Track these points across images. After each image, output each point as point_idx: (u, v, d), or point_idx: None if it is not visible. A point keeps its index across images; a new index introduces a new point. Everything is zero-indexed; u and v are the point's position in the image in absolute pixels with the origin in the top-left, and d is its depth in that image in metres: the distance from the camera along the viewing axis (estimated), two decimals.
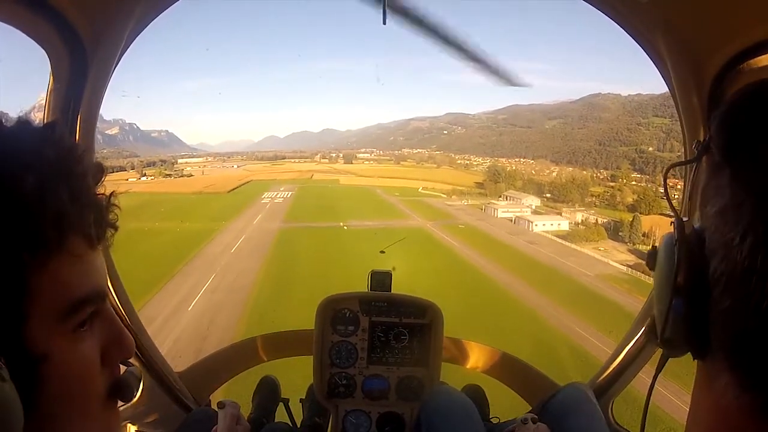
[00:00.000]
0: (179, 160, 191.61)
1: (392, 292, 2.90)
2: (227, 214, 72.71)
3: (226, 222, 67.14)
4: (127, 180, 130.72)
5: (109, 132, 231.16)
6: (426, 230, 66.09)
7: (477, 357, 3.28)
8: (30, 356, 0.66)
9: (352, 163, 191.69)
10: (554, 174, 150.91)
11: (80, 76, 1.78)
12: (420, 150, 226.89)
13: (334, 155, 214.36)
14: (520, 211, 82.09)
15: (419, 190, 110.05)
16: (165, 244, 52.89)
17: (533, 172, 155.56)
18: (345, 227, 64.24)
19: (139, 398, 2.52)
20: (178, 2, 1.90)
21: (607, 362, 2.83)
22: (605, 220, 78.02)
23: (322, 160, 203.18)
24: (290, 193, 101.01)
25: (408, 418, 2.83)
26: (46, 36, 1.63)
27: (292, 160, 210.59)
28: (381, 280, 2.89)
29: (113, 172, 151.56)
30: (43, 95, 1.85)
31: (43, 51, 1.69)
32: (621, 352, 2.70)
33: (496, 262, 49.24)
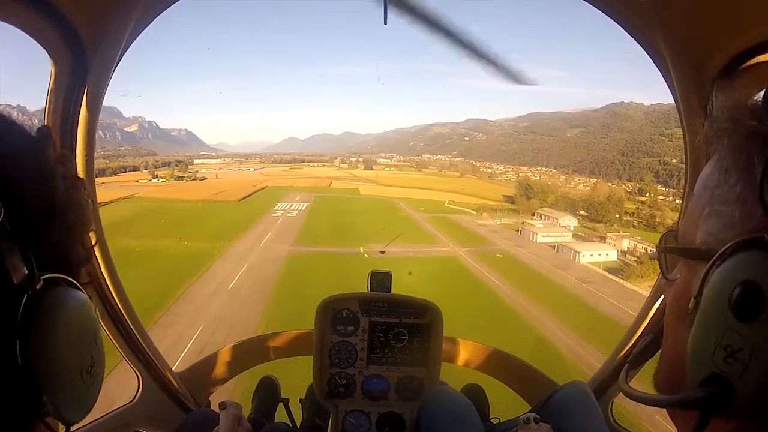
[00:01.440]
0: (196, 161, 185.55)
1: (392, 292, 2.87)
2: (233, 230, 63.13)
3: (229, 242, 57.46)
4: (137, 181, 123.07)
5: (127, 129, 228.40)
6: (460, 260, 55.36)
7: (477, 357, 3.24)
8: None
9: (372, 169, 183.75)
10: (581, 186, 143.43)
11: (81, 75, 1.78)
12: (441, 156, 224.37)
13: (354, 159, 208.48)
14: (560, 236, 71.25)
15: (446, 204, 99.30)
16: (152, 273, 42.80)
17: (559, 183, 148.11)
18: (365, 254, 53.47)
19: (139, 398, 2.55)
20: (178, 2, 1.90)
21: (607, 362, 2.79)
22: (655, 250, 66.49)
23: (342, 165, 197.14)
24: (305, 204, 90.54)
25: (408, 418, 2.79)
26: (46, 36, 1.62)
27: (311, 164, 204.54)
28: (381, 280, 2.86)
29: (126, 171, 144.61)
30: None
31: (45, 51, 1.68)
32: (621, 351, 2.67)
33: (553, 314, 38.36)
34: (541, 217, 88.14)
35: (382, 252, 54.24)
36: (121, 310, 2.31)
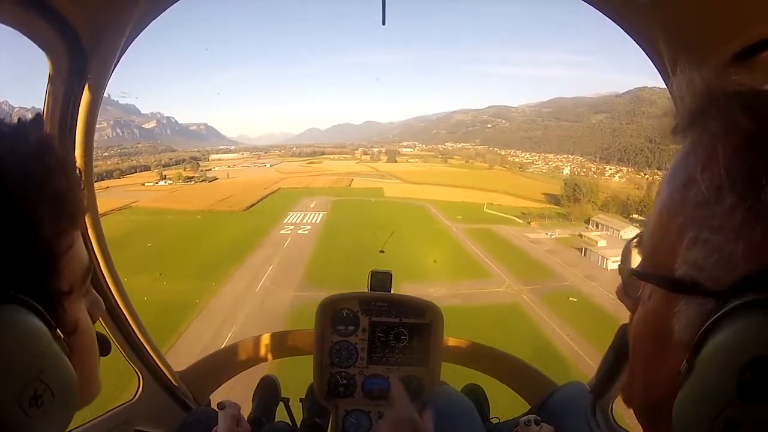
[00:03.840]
0: (212, 156, 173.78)
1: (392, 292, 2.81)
2: (228, 259, 48.06)
3: (218, 282, 42.27)
4: (143, 184, 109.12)
5: (146, 126, 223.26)
6: (526, 311, 38.13)
7: (477, 357, 3.18)
8: (69, 326, 0.73)
9: (395, 161, 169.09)
10: (617, 178, 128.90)
11: (79, 76, 1.72)
12: (464, 144, 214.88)
13: (376, 150, 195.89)
14: None
15: (485, 208, 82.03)
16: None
17: (593, 174, 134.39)
18: None
19: (139, 396, 2.52)
20: (178, 2, 1.84)
21: (601, 363, 2.64)
22: None
23: (363, 157, 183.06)
24: (321, 215, 73.73)
25: None
26: (45, 37, 1.56)
27: (331, 157, 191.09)
28: (381, 280, 2.79)
29: (135, 172, 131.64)
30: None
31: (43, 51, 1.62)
32: None
33: None
34: (597, 227, 71.06)
35: (382, 252, 45.87)
36: (122, 308, 2.26)
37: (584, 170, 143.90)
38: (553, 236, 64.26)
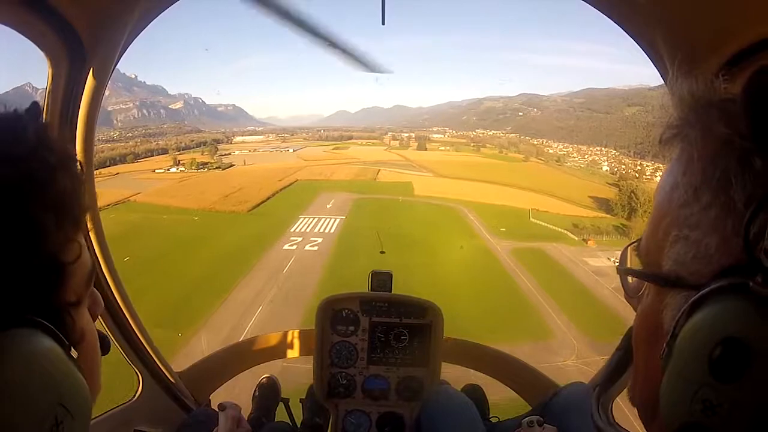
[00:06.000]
0: (236, 138, 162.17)
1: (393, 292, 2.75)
2: (209, 292, 36.15)
3: (186, 333, 30.06)
4: (154, 171, 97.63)
5: (172, 107, 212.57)
6: None
7: (477, 357, 3.12)
8: (77, 336, 0.68)
9: (426, 149, 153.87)
10: (657, 178, 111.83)
11: (79, 76, 1.70)
12: (495, 132, 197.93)
13: (405, 135, 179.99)
14: None
15: (530, 217, 67.62)
16: None
17: (634, 173, 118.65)
18: None
19: (139, 397, 2.48)
20: (178, 2, 1.82)
21: (608, 361, 2.90)
22: None
23: (392, 142, 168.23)
24: (337, 221, 59.87)
25: (408, 418, 2.73)
26: (45, 36, 1.53)
27: (359, 142, 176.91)
28: (382, 280, 2.76)
29: (151, 155, 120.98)
30: None
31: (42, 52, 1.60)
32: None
33: None
34: None
35: (383, 252, 42.74)
36: (122, 308, 2.23)
37: (623, 166, 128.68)
38: (617, 263, 49.39)
